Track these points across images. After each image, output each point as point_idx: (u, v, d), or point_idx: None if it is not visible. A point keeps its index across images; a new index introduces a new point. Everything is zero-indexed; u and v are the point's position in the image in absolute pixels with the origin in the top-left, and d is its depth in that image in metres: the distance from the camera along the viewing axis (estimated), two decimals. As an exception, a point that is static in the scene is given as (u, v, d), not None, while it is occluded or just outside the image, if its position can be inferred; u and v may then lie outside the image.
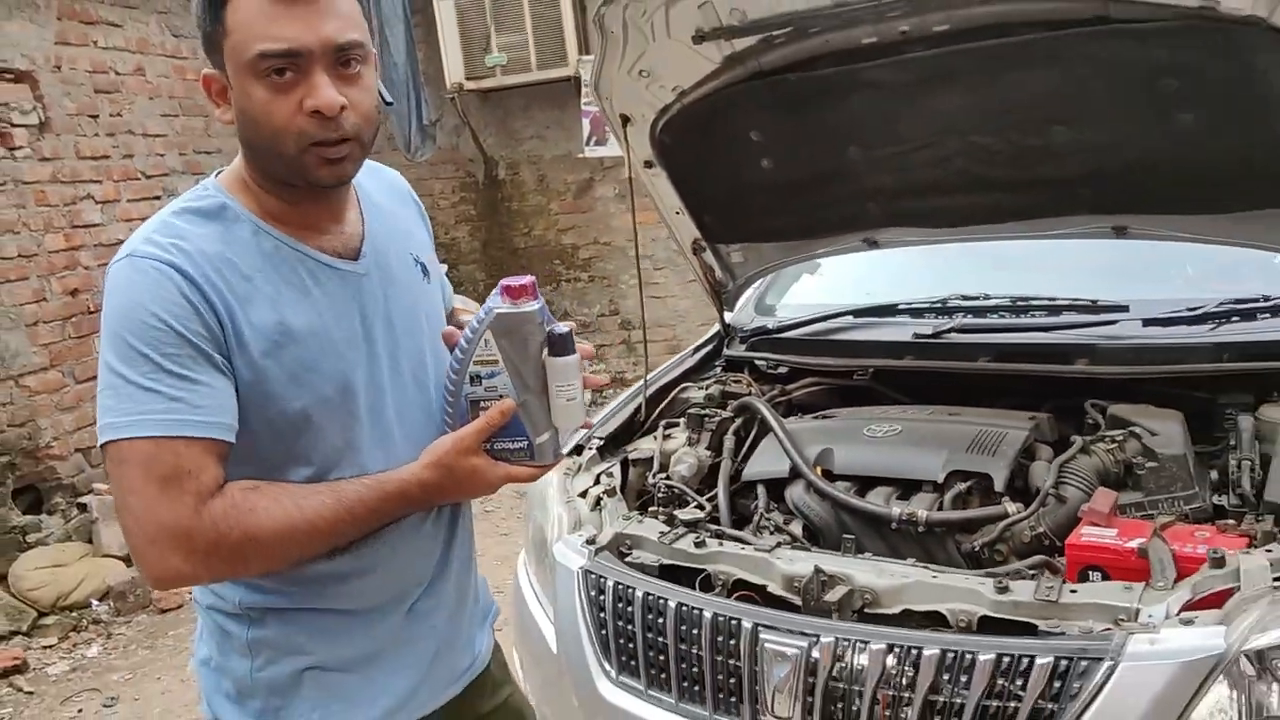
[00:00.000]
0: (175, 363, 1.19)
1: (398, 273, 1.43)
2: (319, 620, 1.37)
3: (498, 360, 1.32)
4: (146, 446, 1.18)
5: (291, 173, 1.27)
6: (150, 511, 1.18)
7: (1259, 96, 1.87)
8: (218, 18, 1.22)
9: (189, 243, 1.24)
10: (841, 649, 1.68)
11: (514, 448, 1.35)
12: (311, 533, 1.24)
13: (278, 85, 1.21)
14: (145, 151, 5.58)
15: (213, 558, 1.20)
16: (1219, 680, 1.49)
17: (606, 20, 2.19)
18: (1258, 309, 2.30)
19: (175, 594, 4.31)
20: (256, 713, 1.37)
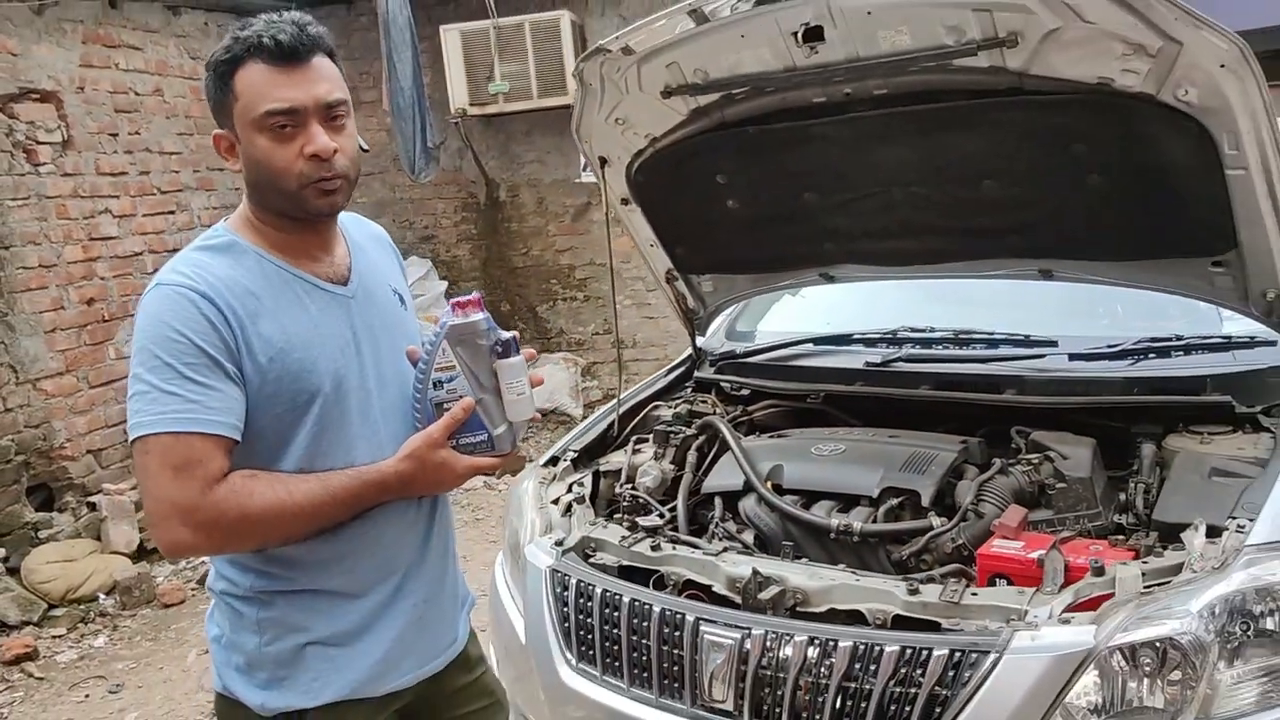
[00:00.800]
0: (194, 371, 1.43)
1: (380, 299, 1.69)
2: (318, 601, 1.58)
3: (455, 366, 1.55)
4: (166, 440, 1.42)
5: (292, 206, 1.54)
6: (164, 492, 1.42)
7: (1153, 162, 2.11)
8: (227, 87, 1.50)
9: (207, 271, 1.49)
10: (770, 641, 1.91)
11: (476, 441, 1.58)
12: (299, 514, 1.48)
13: (280, 136, 1.49)
14: (161, 169, 5.84)
15: (213, 530, 1.44)
16: (1090, 671, 1.72)
17: (585, 74, 2.43)
18: (1171, 347, 2.53)
19: (178, 590, 4.54)
20: (263, 682, 1.58)
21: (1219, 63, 1.85)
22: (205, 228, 5.40)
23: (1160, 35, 1.84)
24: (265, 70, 1.48)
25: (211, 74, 1.52)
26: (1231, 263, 2.24)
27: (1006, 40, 1.97)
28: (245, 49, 1.48)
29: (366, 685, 1.62)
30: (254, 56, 1.48)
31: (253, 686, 1.58)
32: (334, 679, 1.59)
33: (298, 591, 1.58)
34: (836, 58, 2.14)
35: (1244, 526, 1.84)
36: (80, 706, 3.68)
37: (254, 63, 1.48)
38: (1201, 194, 2.11)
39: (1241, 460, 2.14)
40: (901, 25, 2.03)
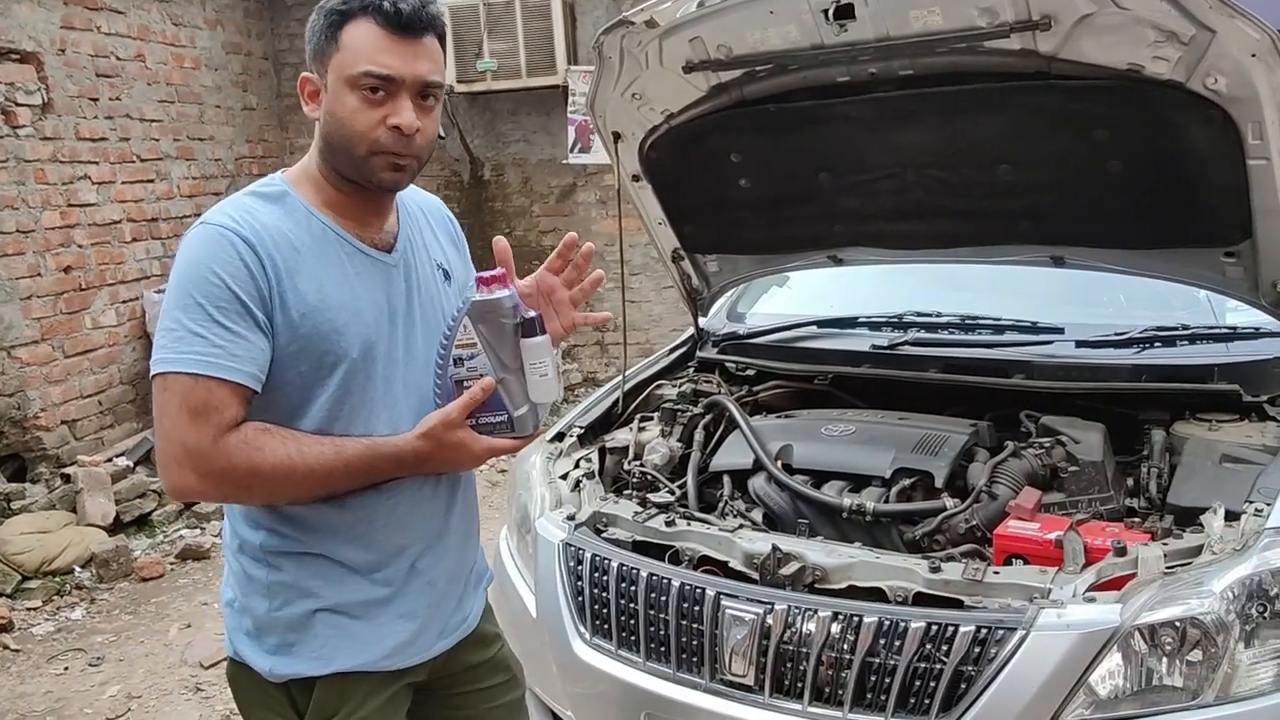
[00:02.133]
0: (224, 315, 1.41)
1: (423, 272, 1.65)
2: (330, 568, 1.55)
3: (476, 344, 1.51)
4: (187, 381, 1.39)
5: (355, 171, 1.51)
6: (178, 434, 1.40)
7: (1175, 149, 2.13)
8: (334, 35, 1.47)
9: (254, 218, 1.47)
10: (792, 616, 1.91)
11: (495, 421, 1.54)
12: (309, 475, 1.45)
13: (369, 100, 1.46)
14: (142, 135, 5.73)
15: (221, 481, 1.42)
16: (1113, 651, 1.74)
17: (605, 47, 2.41)
18: (1177, 336, 2.56)
19: (156, 564, 4.46)
20: (272, 648, 1.55)
21: (1250, 52, 1.86)
22: (185, 198, 5.33)
23: (1194, 23, 1.86)
24: (377, 32, 1.46)
25: (320, 17, 1.49)
26: (1244, 253, 2.27)
27: (1040, 23, 1.98)
28: (364, 5, 1.46)
29: (379, 660, 1.59)
30: (369, 15, 1.46)
31: (261, 651, 1.56)
32: (344, 649, 1.56)
33: (307, 554, 1.55)
34: (866, 36, 2.14)
35: (1261, 510, 1.87)
36: (60, 679, 3.61)
37: (367, 20, 1.46)
38: (1220, 183, 2.13)
39: (1251, 448, 2.18)
40: (934, 5, 2.03)
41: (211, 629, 3.89)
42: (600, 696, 2.14)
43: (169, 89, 5.98)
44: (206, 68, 6.36)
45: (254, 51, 6.90)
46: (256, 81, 6.92)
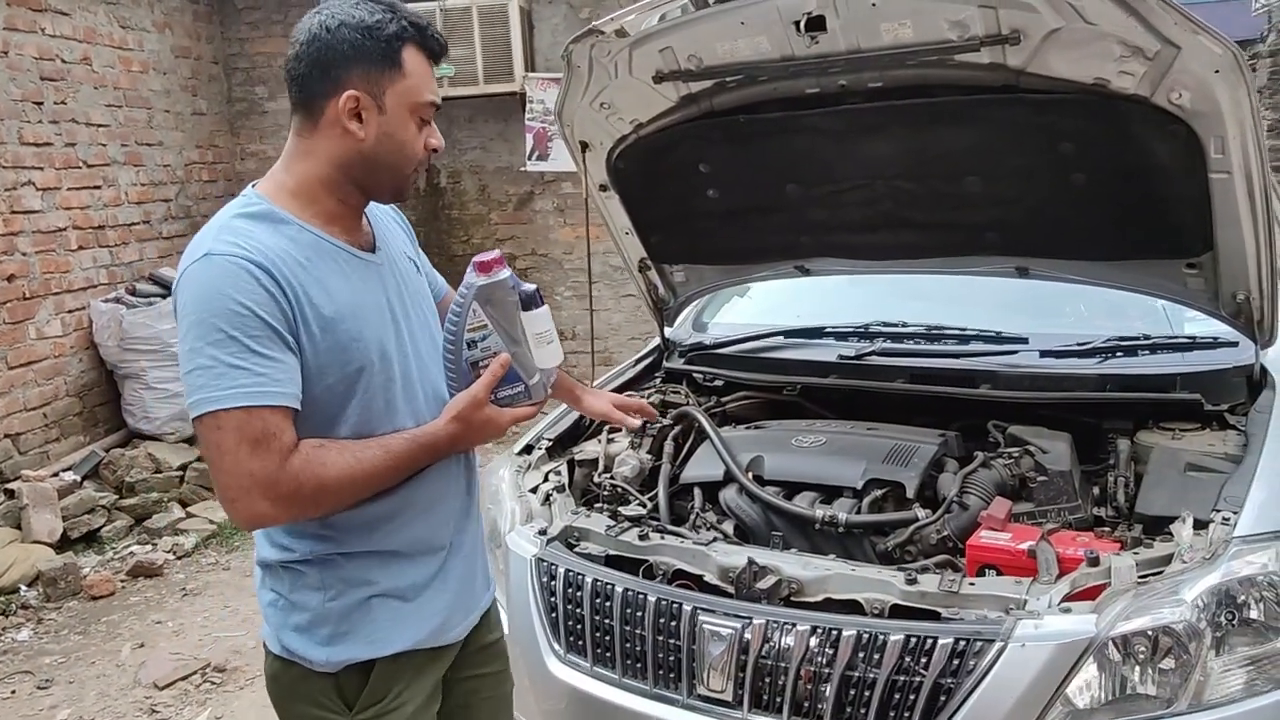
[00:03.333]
0: (259, 344, 1.42)
1: (400, 265, 1.71)
2: (378, 559, 1.61)
3: (486, 325, 1.59)
4: (239, 415, 1.41)
5: (393, 186, 1.60)
6: (243, 467, 1.41)
7: (1139, 163, 2.16)
8: (396, 61, 1.52)
9: (256, 240, 1.47)
10: (770, 630, 1.90)
11: (514, 393, 1.62)
12: (367, 479, 1.51)
13: (421, 125, 1.58)
14: (88, 141, 5.58)
15: (292, 502, 1.45)
16: (1090, 661, 1.75)
17: (574, 56, 2.39)
18: (1138, 346, 2.60)
19: (107, 581, 4.34)
20: (325, 639, 1.58)
21: (1214, 68, 1.90)
22: (133, 205, 5.22)
23: (1159, 39, 1.89)
24: (425, 62, 1.55)
25: (374, 39, 1.50)
26: (1205, 265, 2.31)
27: (1009, 37, 2.00)
28: (417, 33, 1.53)
29: (431, 637, 1.65)
30: (419, 44, 1.54)
31: (314, 644, 1.58)
32: (400, 630, 1.61)
33: (356, 553, 1.59)
34: (837, 48, 2.15)
35: (1229, 519, 1.90)
36: (6, 703, 3.50)
37: (418, 50, 1.54)
38: (1183, 196, 2.17)
39: (1214, 456, 2.21)
40: (905, 18, 2.05)
41: (166, 648, 3.80)
42: (575, 714, 2.12)
43: (116, 93, 5.84)
44: (155, 71, 6.22)
45: (204, 55, 6.78)
46: (206, 86, 6.80)
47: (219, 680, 3.55)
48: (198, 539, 4.78)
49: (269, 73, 7.05)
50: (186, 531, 4.85)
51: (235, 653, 3.73)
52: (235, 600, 4.20)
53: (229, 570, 4.54)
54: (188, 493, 5.21)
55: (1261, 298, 2.25)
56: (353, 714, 1.60)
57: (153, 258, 6.11)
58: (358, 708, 1.60)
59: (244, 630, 3.91)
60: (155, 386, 5.48)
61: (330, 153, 1.54)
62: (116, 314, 5.44)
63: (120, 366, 5.52)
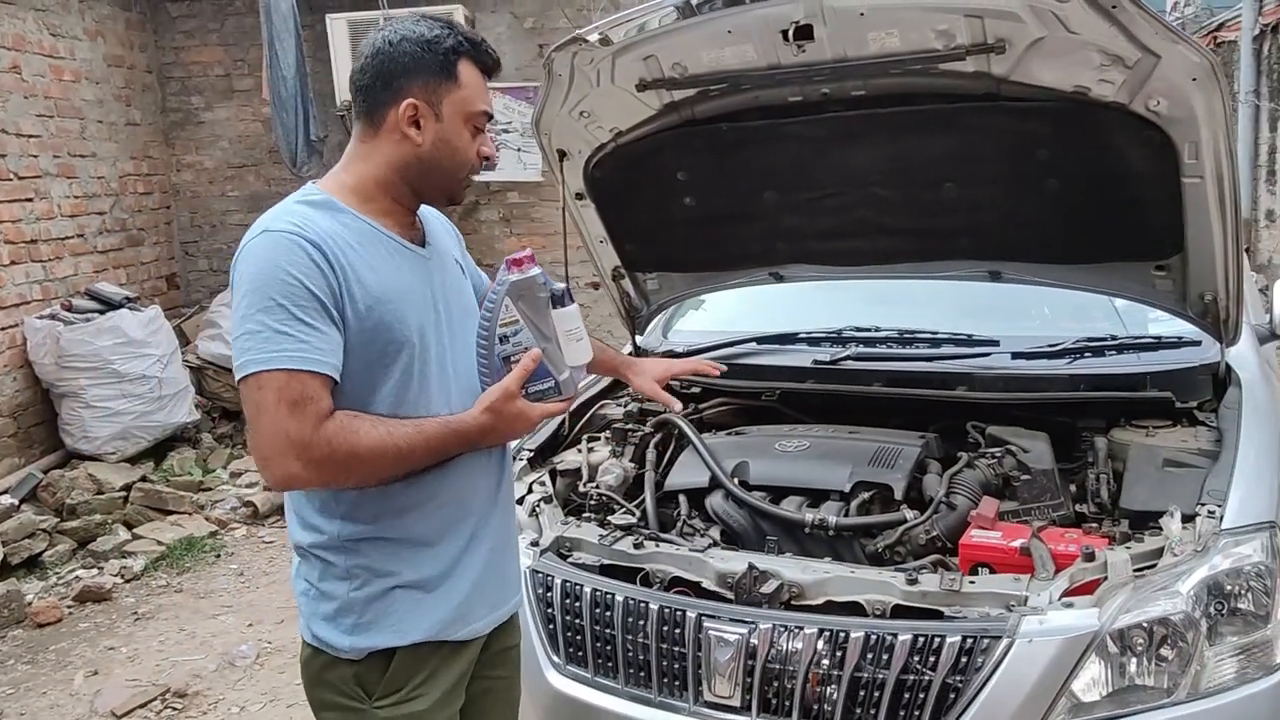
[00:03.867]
0: (305, 313, 1.50)
1: (448, 264, 1.79)
2: (402, 549, 1.64)
3: (518, 321, 1.63)
4: (281, 376, 1.48)
5: (447, 188, 1.69)
6: (280, 426, 1.48)
7: (1114, 168, 2.23)
8: (453, 72, 1.61)
9: (312, 222, 1.56)
10: (778, 634, 1.91)
11: (544, 388, 1.66)
12: (398, 455, 1.55)
13: (474, 134, 1.66)
14: (18, 152, 5.39)
15: (324, 466, 1.51)
16: (1094, 655, 1.79)
17: (555, 64, 2.39)
18: (1106, 346, 2.67)
19: (53, 608, 4.17)
20: (349, 628, 1.63)
21: (1191, 76, 1.96)
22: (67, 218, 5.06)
23: (1139, 48, 1.95)
24: (478, 75, 1.65)
25: (433, 52, 1.59)
26: (1174, 267, 2.39)
27: (995, 47, 2.05)
28: (472, 48, 1.63)
29: (449, 627, 1.68)
30: (473, 58, 1.63)
31: (339, 632, 1.63)
32: (420, 620, 1.65)
33: (382, 539, 1.63)
34: (824, 57, 2.17)
35: (1214, 512, 1.96)
36: (-47, 738, 3.35)
37: (472, 63, 1.63)
38: (1155, 200, 2.24)
39: (1189, 452, 2.28)
40: (892, 27, 2.08)
41: (121, 675, 3.66)
42: (577, 726, 2.10)
43: (47, 103, 5.65)
44: (87, 81, 6.04)
45: (137, 64, 6.60)
46: (140, 96, 6.61)
47: (180, 705, 3.43)
48: (146, 561, 4.62)
49: (205, 82, 6.89)
50: (134, 554, 4.69)
51: (195, 677, 3.61)
52: (191, 623, 4.07)
53: (182, 592, 4.40)
54: (133, 514, 5.04)
55: (1228, 298, 2.33)
56: (372, 702, 1.65)
57: (88, 272, 5.92)
58: (377, 696, 1.65)
59: (203, 653, 3.79)
60: (95, 405, 5.30)
61: (389, 156, 1.64)
62: (53, 331, 5.25)
63: (57, 385, 5.33)
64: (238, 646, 3.78)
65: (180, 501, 5.15)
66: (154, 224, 6.71)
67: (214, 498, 5.29)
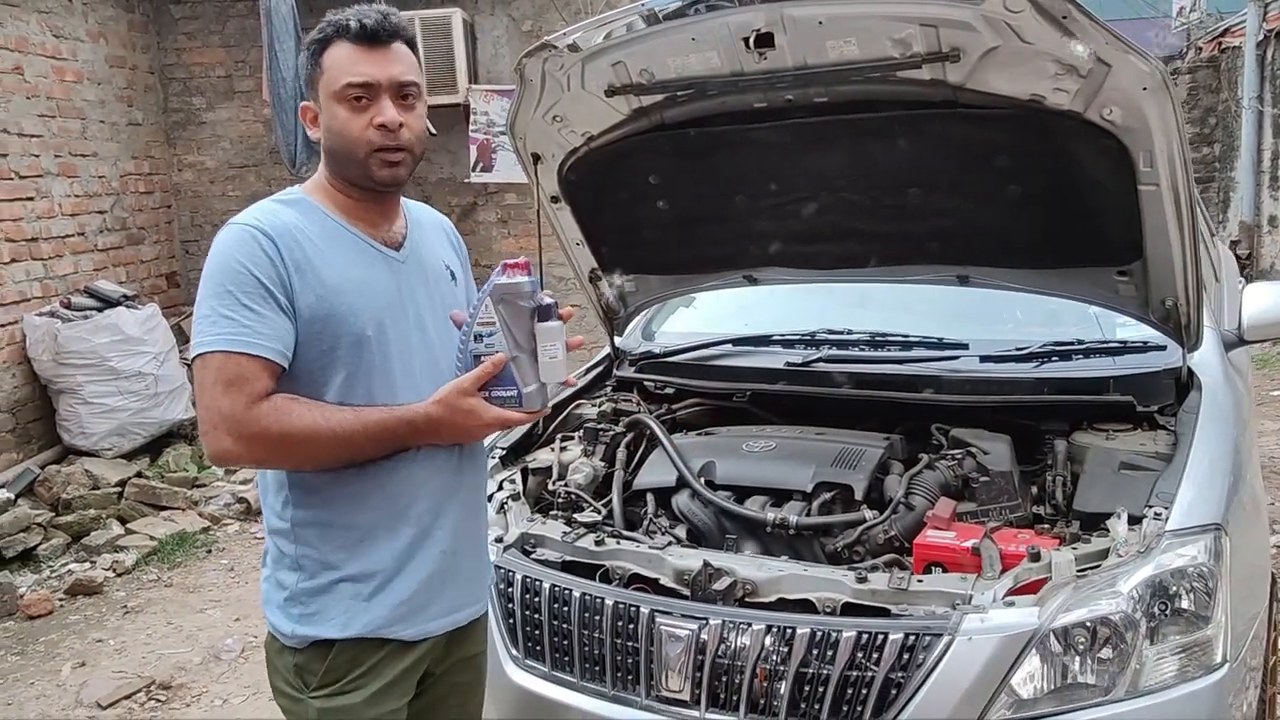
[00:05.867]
0: (249, 299, 1.57)
1: (430, 270, 1.82)
2: (349, 539, 1.68)
3: (495, 323, 1.64)
4: (220, 357, 1.56)
5: (359, 173, 1.68)
6: (215, 403, 1.57)
7: (1073, 175, 2.26)
8: (317, 62, 1.67)
9: (275, 217, 1.65)
10: (727, 630, 1.95)
11: (505, 395, 1.66)
12: (333, 438, 1.59)
13: (355, 107, 1.65)
14: (20, 151, 5.47)
15: (254, 443, 1.57)
16: (1033, 652, 1.82)
17: (526, 70, 2.43)
18: (1073, 351, 2.70)
19: (44, 600, 4.24)
20: (297, 616, 1.68)
21: (1142, 85, 1.99)
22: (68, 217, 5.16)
23: (1091, 57, 1.98)
24: (350, 49, 1.65)
25: (306, 51, 1.70)
26: (1135, 272, 2.42)
27: (949, 55, 2.08)
28: (335, 30, 1.66)
29: (392, 625, 1.69)
30: (342, 37, 1.66)
31: (287, 620, 1.69)
32: (362, 615, 1.68)
33: (328, 527, 1.68)
34: (785, 64, 2.21)
35: (1160, 514, 1.99)
36: (-59, 726, 3.41)
37: (342, 42, 1.66)
38: (1114, 207, 2.27)
39: (1145, 455, 2.31)
40: (850, 36, 2.12)
41: (108, 667, 3.72)
42: (534, 717, 2.14)
43: (49, 103, 5.73)
44: (89, 81, 6.12)
45: (139, 65, 6.67)
46: (142, 96, 6.69)
47: (164, 698, 3.49)
48: (138, 556, 4.69)
49: (206, 83, 6.97)
50: (126, 548, 4.75)
51: (180, 669, 3.67)
52: (179, 617, 4.13)
53: (171, 587, 4.46)
54: (126, 509, 5.11)
55: (1188, 303, 2.36)
56: (309, 692, 1.68)
57: (88, 270, 6.00)
58: (314, 686, 1.68)
59: (189, 646, 3.85)
60: (92, 401, 5.38)
61: (322, 155, 1.74)
62: (52, 328, 5.33)
63: (55, 381, 5.40)
64: (223, 640, 3.84)
65: (174, 497, 5.22)
66: (155, 223, 6.79)
67: (208, 494, 5.36)
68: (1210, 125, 10.33)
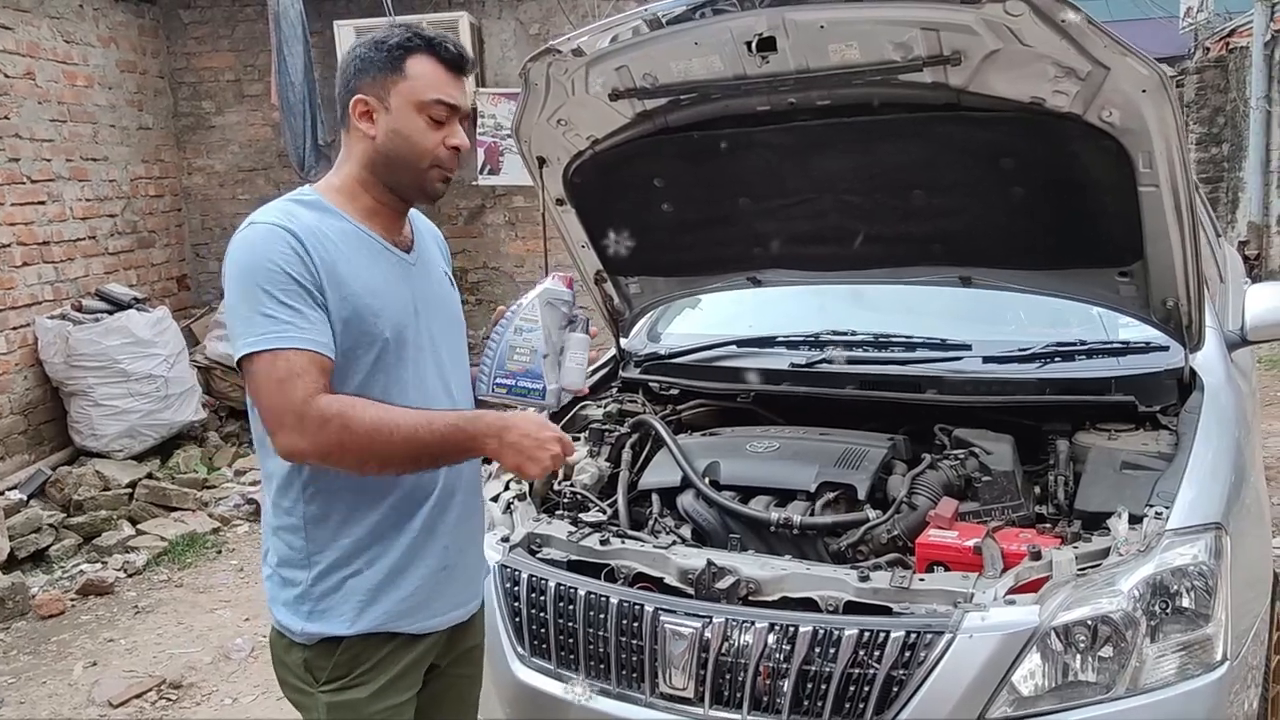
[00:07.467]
0: (286, 297, 1.59)
1: (434, 274, 1.88)
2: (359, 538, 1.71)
3: (538, 320, 1.79)
4: (268, 357, 1.58)
5: (412, 181, 1.74)
6: (274, 401, 1.58)
7: (1074, 177, 2.27)
8: (399, 66, 1.69)
9: (296, 217, 1.67)
10: (730, 629, 1.97)
11: (532, 387, 1.80)
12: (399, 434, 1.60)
13: (433, 124, 1.71)
14: (32, 156, 5.52)
15: (320, 437, 1.57)
16: (1033, 650, 1.84)
17: (531, 74, 2.45)
18: (1076, 351, 2.71)
19: (56, 601, 4.28)
20: (306, 613, 1.71)
21: (1141, 88, 2.01)
22: (79, 220, 5.19)
23: (1090, 60, 1.99)
24: (439, 68, 1.71)
25: (380, 50, 1.69)
26: (1136, 273, 2.43)
27: (950, 58, 2.09)
28: (425, 43, 1.70)
29: (399, 619, 1.73)
30: (431, 53, 1.70)
31: (296, 617, 1.71)
32: (370, 611, 1.71)
33: (345, 523, 1.70)
34: (787, 68, 2.23)
35: (1161, 513, 2.00)
36: (-45, 725, 3.45)
37: (429, 58, 1.70)
38: (1114, 208, 2.28)
39: (1147, 455, 2.32)
40: (852, 40, 2.13)
41: (119, 666, 3.76)
42: (540, 716, 2.16)
43: (61, 108, 5.78)
44: (100, 86, 6.17)
45: (149, 70, 6.72)
46: (152, 100, 6.74)
47: (175, 697, 3.52)
48: (149, 556, 4.73)
49: (216, 87, 7.02)
50: (137, 549, 4.79)
51: (191, 669, 3.70)
52: (189, 617, 4.17)
53: (182, 587, 4.50)
54: (137, 510, 5.15)
55: (1189, 304, 2.37)
56: (318, 687, 1.72)
57: (99, 274, 6.05)
58: (323, 681, 1.71)
59: (199, 646, 3.89)
60: (103, 404, 5.42)
61: (358, 153, 1.74)
62: (63, 331, 5.37)
63: (67, 384, 5.45)
64: (233, 640, 3.88)
65: (184, 498, 5.26)
66: (165, 226, 6.83)
67: (218, 495, 5.40)
68: (1219, 125, 10.31)
